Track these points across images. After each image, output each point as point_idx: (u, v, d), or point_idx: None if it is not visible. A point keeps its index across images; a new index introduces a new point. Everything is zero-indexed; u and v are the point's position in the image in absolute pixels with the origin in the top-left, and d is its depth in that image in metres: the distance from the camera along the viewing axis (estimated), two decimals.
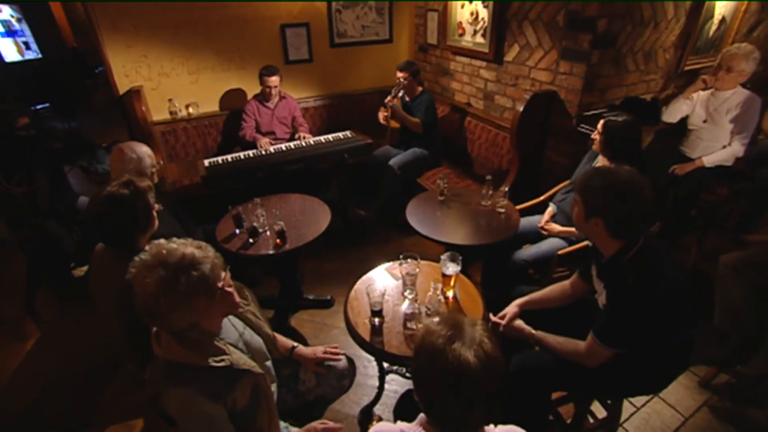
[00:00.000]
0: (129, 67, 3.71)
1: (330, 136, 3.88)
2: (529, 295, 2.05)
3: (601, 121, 2.45)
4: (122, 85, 3.72)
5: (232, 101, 4.23)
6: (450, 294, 2.03)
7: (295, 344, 1.86)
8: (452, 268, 1.97)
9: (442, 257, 1.99)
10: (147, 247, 1.31)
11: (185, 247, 1.29)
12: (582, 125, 3.01)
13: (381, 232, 3.96)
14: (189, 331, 1.32)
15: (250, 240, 2.57)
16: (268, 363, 1.68)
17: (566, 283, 2.06)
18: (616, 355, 1.64)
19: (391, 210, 3.91)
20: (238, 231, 2.65)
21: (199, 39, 3.90)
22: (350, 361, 1.95)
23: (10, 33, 6.46)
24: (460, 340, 1.00)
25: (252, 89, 4.09)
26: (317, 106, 4.61)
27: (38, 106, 5.92)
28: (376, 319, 1.89)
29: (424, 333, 1.05)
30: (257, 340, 1.63)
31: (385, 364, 2.28)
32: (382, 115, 3.98)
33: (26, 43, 6.68)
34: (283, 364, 1.81)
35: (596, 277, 1.81)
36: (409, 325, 1.88)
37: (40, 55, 6.82)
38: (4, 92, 5.90)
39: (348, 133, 3.94)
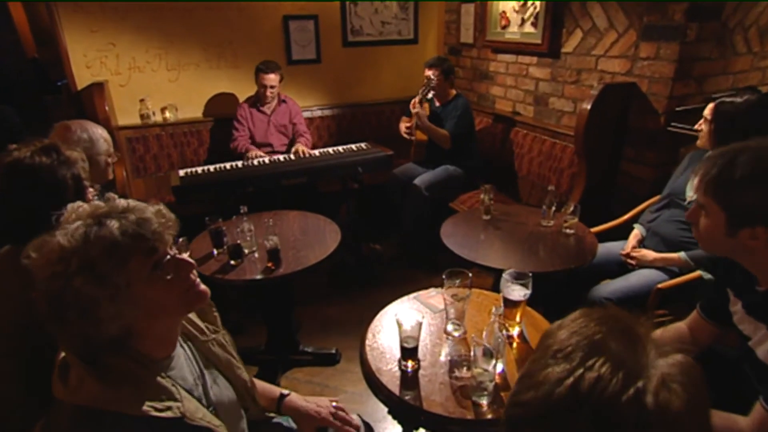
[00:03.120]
0: (92, 57, 3.57)
1: (341, 148, 3.67)
2: None
3: (711, 105, 2.16)
4: (82, 79, 3.57)
5: (221, 106, 4.07)
6: (515, 331, 1.66)
7: (285, 392, 1.50)
8: (519, 292, 1.62)
9: (504, 276, 1.64)
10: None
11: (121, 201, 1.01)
12: (674, 124, 2.72)
13: (403, 271, 3.67)
14: (116, 354, 0.96)
15: (231, 262, 2.28)
16: (243, 424, 1.31)
17: (681, 325, 1.67)
18: None
19: (417, 241, 3.66)
20: (216, 252, 2.37)
21: (182, 28, 3.78)
22: (367, 427, 1.57)
23: None
24: (644, 375, 0.60)
25: (245, 93, 3.92)
26: (324, 117, 4.44)
27: None
28: (409, 363, 1.52)
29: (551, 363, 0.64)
30: (224, 388, 1.26)
31: None
32: (404, 126, 3.79)
33: None
34: (264, 428, 1.43)
35: (746, 314, 1.40)
36: (457, 373, 1.51)
37: None
38: None
39: (363, 144, 3.71)
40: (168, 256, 1.00)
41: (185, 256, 1.05)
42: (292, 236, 2.53)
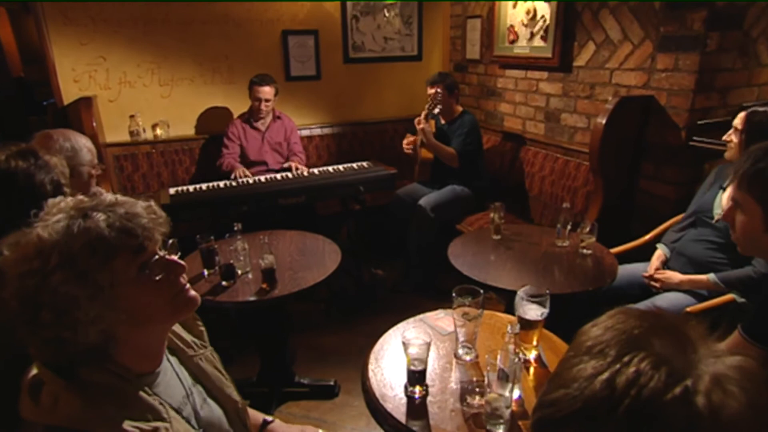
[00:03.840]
0: (80, 71, 3.58)
1: (341, 166, 3.64)
2: None
3: (742, 114, 2.14)
4: (69, 94, 3.56)
5: (215, 123, 4.05)
6: (532, 355, 1.60)
7: (269, 418, 1.45)
8: (535, 311, 1.56)
9: (519, 293, 1.59)
10: None
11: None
12: (696, 138, 2.70)
13: (407, 298, 3.60)
14: (95, 367, 0.92)
15: (223, 283, 2.22)
16: None
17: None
18: None
19: (422, 266, 3.59)
20: (207, 272, 2.32)
21: (177, 42, 3.80)
22: None
23: None
24: (692, 374, 0.54)
25: (241, 110, 3.92)
26: (324, 136, 4.43)
27: None
28: (417, 389, 1.46)
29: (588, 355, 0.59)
30: (213, 409, 1.20)
31: None
32: (407, 141, 3.74)
33: None
34: None
35: None
36: (469, 400, 1.44)
37: None
38: None
39: (364, 163, 3.69)
40: (156, 256, 0.96)
41: (175, 257, 1.01)
42: (289, 256, 2.48)
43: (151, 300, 0.95)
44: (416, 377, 1.44)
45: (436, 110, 3.52)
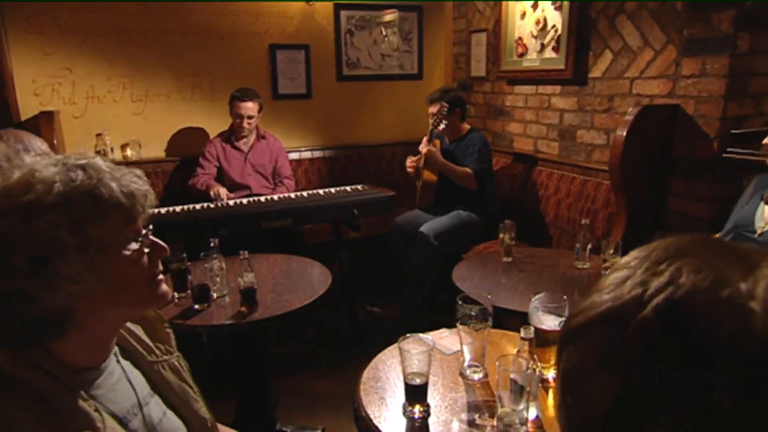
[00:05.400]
0: (42, 83, 3.62)
1: (332, 189, 3.64)
2: None
3: None
4: (28, 108, 3.58)
5: (192, 144, 4.07)
6: (550, 374, 1.55)
7: None
8: (552, 321, 1.52)
9: (533, 301, 1.55)
10: None
11: None
12: (730, 149, 2.67)
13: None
14: (21, 363, 0.87)
15: (196, 306, 2.17)
16: None
17: None
18: None
19: (424, 301, 3.54)
20: (177, 296, 2.27)
21: (153, 53, 3.86)
22: None
23: None
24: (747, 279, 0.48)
25: (223, 128, 3.92)
26: (314, 159, 4.47)
27: None
28: (416, 408, 1.39)
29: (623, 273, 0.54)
30: (178, 426, 1.13)
31: None
32: (410, 161, 3.73)
33: None
34: None
35: None
36: (479, 421, 1.38)
37: None
38: None
39: (359, 186, 3.68)
40: (144, 230, 0.98)
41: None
42: (272, 279, 2.46)
43: (132, 274, 0.96)
44: (415, 394, 1.38)
45: (441, 126, 3.53)
